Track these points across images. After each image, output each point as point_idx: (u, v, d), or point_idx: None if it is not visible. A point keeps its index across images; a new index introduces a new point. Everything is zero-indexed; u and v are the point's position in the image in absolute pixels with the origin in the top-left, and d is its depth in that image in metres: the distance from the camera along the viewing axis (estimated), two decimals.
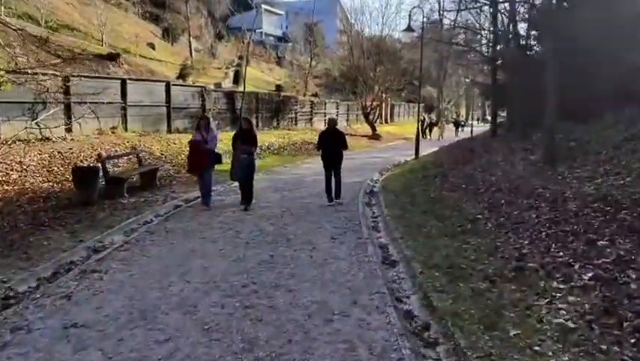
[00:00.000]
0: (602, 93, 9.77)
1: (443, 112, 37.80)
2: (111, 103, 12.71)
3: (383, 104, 32.99)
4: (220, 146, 10.30)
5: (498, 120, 16.58)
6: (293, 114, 24.21)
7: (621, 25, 9.71)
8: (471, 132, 25.87)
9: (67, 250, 5.45)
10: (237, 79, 25.43)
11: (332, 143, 8.63)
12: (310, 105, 26.27)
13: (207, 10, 32.94)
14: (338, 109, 29.37)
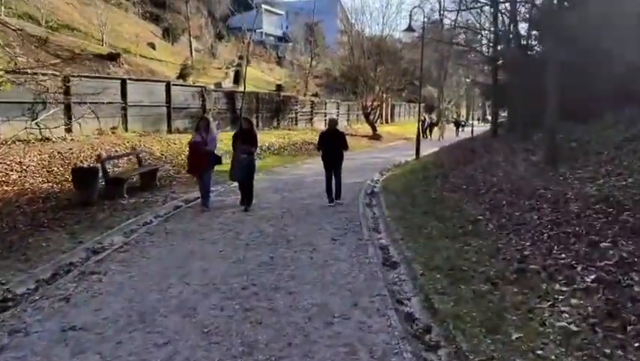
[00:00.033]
0: (603, 93, 9.73)
1: (444, 112, 37.73)
2: (111, 103, 12.69)
3: (383, 104, 32.98)
4: (220, 146, 10.29)
5: (498, 120, 16.54)
6: (293, 114, 24.18)
7: (622, 24, 9.67)
8: (471, 132, 25.83)
9: (66, 252, 5.42)
10: (238, 79, 25.39)
11: (333, 143, 8.63)
12: (310, 105, 26.24)
13: (207, 10, 32.90)
14: (338, 109, 29.34)
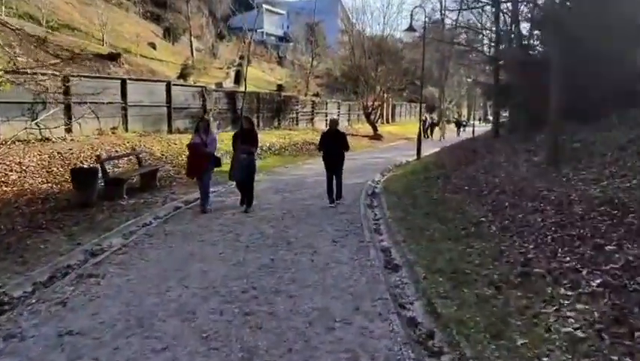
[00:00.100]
0: (607, 93, 9.64)
1: (445, 112, 37.65)
2: (111, 103, 12.65)
3: (384, 104, 32.90)
4: (220, 146, 10.23)
5: (500, 121, 16.45)
6: (294, 114, 24.12)
7: (625, 24, 9.60)
8: (472, 132, 25.74)
9: (64, 254, 5.37)
10: (238, 79, 25.35)
11: (334, 144, 8.59)
12: (311, 105, 26.18)
13: (208, 9, 32.86)
14: (339, 109, 29.28)
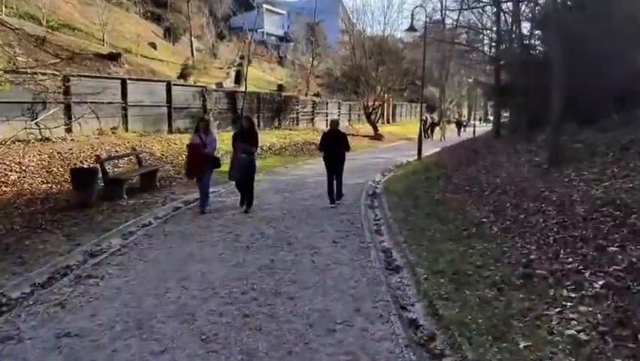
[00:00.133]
0: (608, 93, 9.60)
1: (445, 112, 37.62)
2: (111, 103, 12.63)
3: (385, 104, 32.85)
4: (220, 146, 10.18)
5: (501, 121, 16.42)
6: (294, 114, 24.09)
7: (627, 24, 9.55)
8: (473, 133, 25.70)
9: (63, 254, 5.34)
10: (239, 79, 25.33)
11: (334, 144, 8.57)
12: (312, 105, 26.15)
13: (209, 9, 32.86)
14: (340, 109, 29.25)
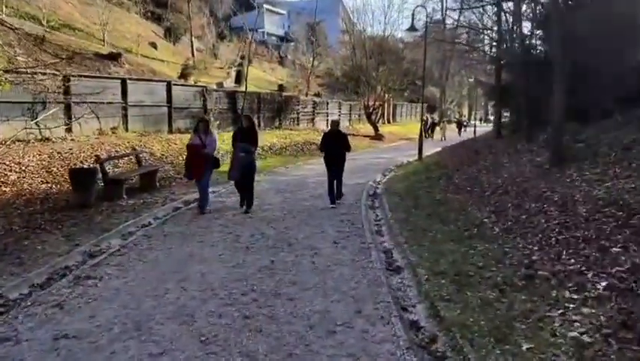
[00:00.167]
0: (610, 93, 9.56)
1: (446, 112, 37.58)
2: (111, 103, 12.60)
3: (385, 104, 32.81)
4: (221, 145, 10.16)
5: (501, 121, 16.37)
6: (295, 114, 24.06)
7: (630, 22, 9.50)
8: (474, 133, 25.66)
9: (62, 255, 5.30)
10: (239, 79, 25.31)
11: (335, 144, 8.54)
12: (312, 105, 26.11)
13: (209, 9, 32.86)
14: (340, 109, 29.22)
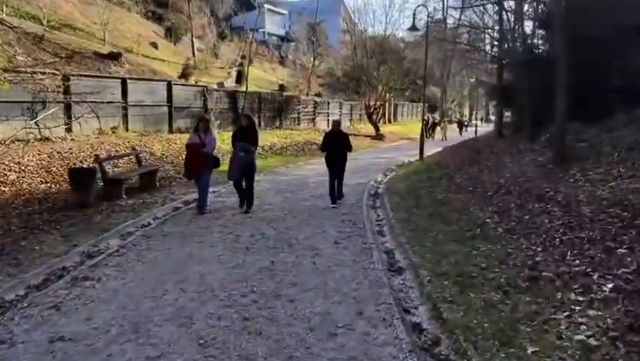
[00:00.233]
0: (613, 92, 9.48)
1: (447, 112, 37.50)
2: (112, 103, 12.55)
3: (386, 103, 32.72)
4: (221, 145, 10.09)
5: (503, 120, 16.30)
6: (296, 114, 24.01)
7: (632, 21, 9.42)
8: (475, 132, 25.57)
9: (59, 255, 5.23)
10: (240, 79, 25.25)
11: (336, 144, 8.50)
12: (313, 105, 26.05)
13: (210, 9, 32.79)
14: (341, 109, 29.15)
